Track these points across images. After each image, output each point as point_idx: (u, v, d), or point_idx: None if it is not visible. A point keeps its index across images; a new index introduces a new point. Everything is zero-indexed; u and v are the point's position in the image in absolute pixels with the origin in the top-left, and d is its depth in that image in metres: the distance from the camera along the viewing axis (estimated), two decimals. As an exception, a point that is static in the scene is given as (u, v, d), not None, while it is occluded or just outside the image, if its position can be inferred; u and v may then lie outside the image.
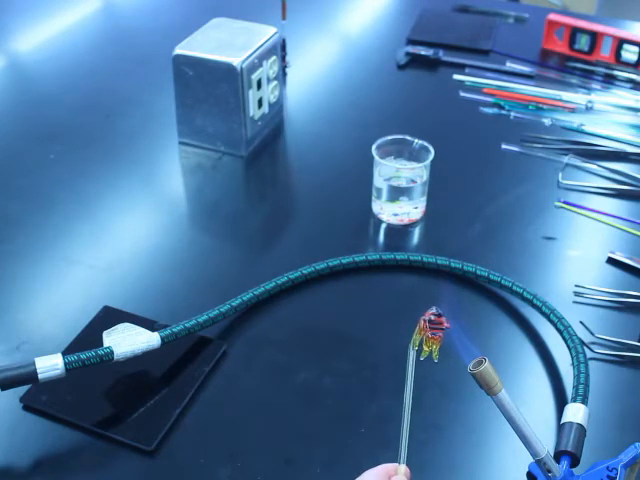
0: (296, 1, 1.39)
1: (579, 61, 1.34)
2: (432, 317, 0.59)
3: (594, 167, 1.09)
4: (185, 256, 0.94)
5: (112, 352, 0.73)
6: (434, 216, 1.00)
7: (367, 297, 0.90)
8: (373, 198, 0.99)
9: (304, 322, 0.86)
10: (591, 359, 0.79)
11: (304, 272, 0.88)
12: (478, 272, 0.88)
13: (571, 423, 0.68)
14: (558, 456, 0.66)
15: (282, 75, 1.21)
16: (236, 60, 1.04)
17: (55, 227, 0.98)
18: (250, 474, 0.69)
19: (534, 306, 0.84)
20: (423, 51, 1.35)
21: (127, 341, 0.73)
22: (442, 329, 0.59)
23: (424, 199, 0.99)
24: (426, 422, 0.74)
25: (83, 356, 0.71)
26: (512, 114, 1.20)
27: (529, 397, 0.77)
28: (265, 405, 0.76)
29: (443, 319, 0.59)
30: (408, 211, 0.98)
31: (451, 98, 1.25)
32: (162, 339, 0.76)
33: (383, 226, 0.99)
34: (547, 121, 1.18)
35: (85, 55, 1.38)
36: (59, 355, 0.71)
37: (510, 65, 1.32)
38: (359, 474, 0.69)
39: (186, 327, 0.78)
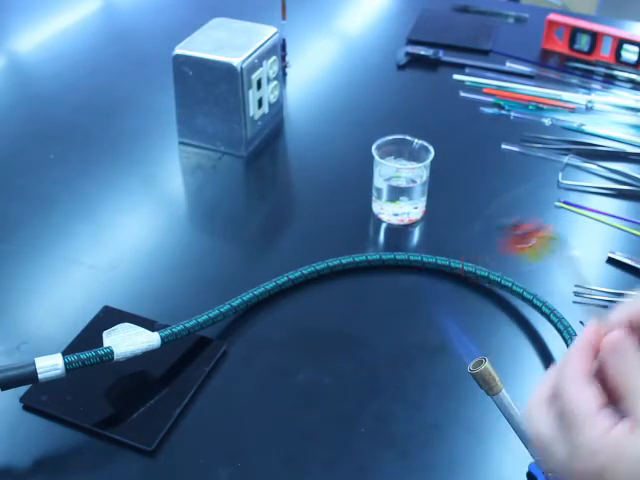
0: (296, 1, 1.39)
1: (579, 61, 1.34)
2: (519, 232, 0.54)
3: (594, 167, 1.09)
4: (185, 256, 0.94)
5: (112, 352, 0.73)
6: (434, 216, 1.00)
7: (367, 297, 0.90)
8: (373, 198, 0.99)
9: (304, 322, 0.86)
10: (591, 359, 0.79)
11: (304, 272, 0.88)
12: (478, 272, 0.88)
13: (571, 423, 0.68)
14: (558, 456, 0.66)
15: (282, 75, 1.21)
16: (236, 60, 1.04)
17: (55, 227, 0.98)
18: (250, 474, 0.69)
19: (534, 306, 0.84)
20: (423, 51, 1.35)
21: (127, 341, 0.73)
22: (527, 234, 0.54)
23: (424, 199, 0.99)
24: (426, 422, 0.75)
25: (83, 356, 0.71)
26: (512, 114, 1.20)
27: (529, 397, 0.77)
28: (265, 405, 0.76)
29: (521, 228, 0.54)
30: (408, 211, 0.98)
31: (451, 98, 1.25)
32: (162, 339, 0.76)
33: (383, 226, 0.99)
34: (547, 121, 1.18)
35: (85, 55, 1.38)
36: (59, 355, 0.71)
37: (510, 65, 1.32)
38: (359, 474, 0.70)
39: (186, 327, 0.78)
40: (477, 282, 0.88)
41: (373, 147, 0.97)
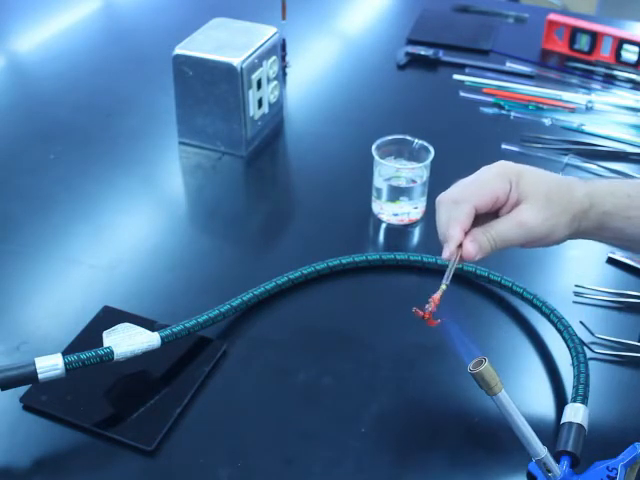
0: (296, 1, 1.39)
1: (579, 61, 1.34)
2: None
3: (594, 167, 1.09)
4: (185, 256, 0.94)
5: (112, 352, 0.73)
6: (434, 216, 1.00)
7: (367, 297, 0.90)
8: (373, 198, 0.99)
9: (304, 322, 0.86)
10: (591, 359, 0.79)
11: (304, 272, 0.88)
12: (478, 272, 0.88)
13: (571, 423, 0.68)
14: (558, 456, 0.66)
15: (282, 75, 1.21)
16: (236, 60, 1.04)
17: (55, 227, 0.98)
18: (250, 474, 0.69)
19: (534, 306, 0.84)
20: (423, 51, 1.35)
21: (127, 341, 0.73)
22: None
23: (424, 199, 0.99)
24: (426, 422, 0.75)
25: (83, 356, 0.71)
26: (512, 114, 1.20)
27: (529, 397, 0.77)
28: (265, 405, 0.76)
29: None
30: (408, 211, 0.98)
31: (451, 98, 1.25)
32: (162, 339, 0.76)
33: (383, 226, 0.99)
34: (547, 121, 1.18)
35: (85, 55, 1.38)
36: (59, 355, 0.71)
37: (510, 65, 1.32)
38: (359, 474, 0.70)
39: (186, 327, 0.78)
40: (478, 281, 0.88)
41: (373, 147, 0.97)
